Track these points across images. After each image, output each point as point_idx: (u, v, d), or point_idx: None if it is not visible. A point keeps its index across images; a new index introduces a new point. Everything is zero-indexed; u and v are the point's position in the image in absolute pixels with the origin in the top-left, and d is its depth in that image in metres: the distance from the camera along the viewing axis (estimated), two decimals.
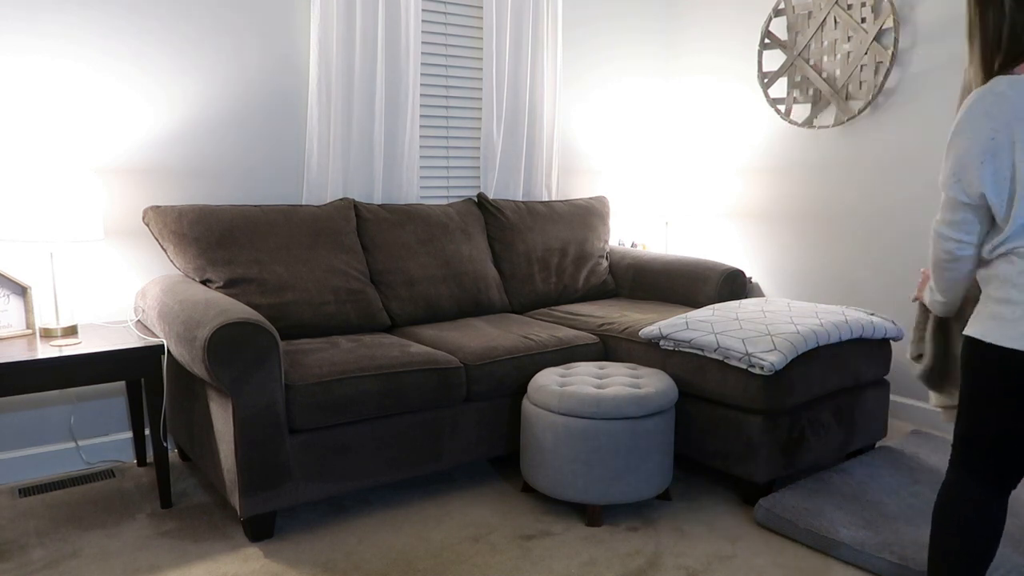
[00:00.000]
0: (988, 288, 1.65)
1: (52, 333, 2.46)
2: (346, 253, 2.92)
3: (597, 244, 3.67)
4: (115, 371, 2.35)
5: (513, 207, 3.50)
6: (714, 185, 4.14)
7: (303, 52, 3.11)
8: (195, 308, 2.25)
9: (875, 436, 2.87)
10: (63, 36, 2.63)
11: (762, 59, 3.79)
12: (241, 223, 2.75)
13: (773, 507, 2.36)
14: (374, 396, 2.34)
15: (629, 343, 2.84)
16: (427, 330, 2.91)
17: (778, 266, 3.86)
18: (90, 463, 2.82)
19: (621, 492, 2.35)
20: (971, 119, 1.58)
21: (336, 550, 2.22)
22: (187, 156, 2.92)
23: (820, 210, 3.65)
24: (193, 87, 2.90)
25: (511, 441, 2.69)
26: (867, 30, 3.33)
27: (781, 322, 2.57)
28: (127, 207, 2.82)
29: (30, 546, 2.22)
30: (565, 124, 3.99)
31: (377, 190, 3.28)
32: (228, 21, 2.94)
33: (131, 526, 2.35)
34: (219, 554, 2.18)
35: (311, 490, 2.29)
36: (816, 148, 3.64)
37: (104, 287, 2.81)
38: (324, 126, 3.14)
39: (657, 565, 2.14)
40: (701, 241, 4.25)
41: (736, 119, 3.99)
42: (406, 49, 3.28)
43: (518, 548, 2.23)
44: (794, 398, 2.45)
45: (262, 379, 2.15)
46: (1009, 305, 1.59)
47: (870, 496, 2.46)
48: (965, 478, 1.64)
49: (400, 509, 2.48)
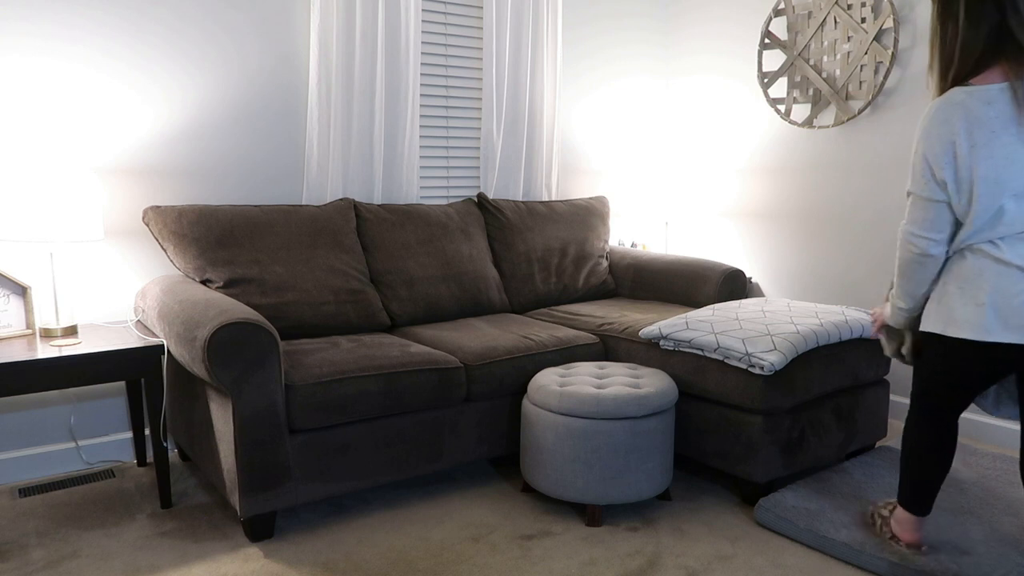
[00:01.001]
0: (943, 284, 1.84)
1: (52, 333, 2.46)
2: (346, 253, 2.92)
3: (597, 244, 3.67)
4: (115, 371, 2.35)
5: (513, 207, 3.50)
6: (714, 185, 4.14)
7: (303, 52, 3.11)
8: (195, 308, 2.25)
9: (875, 436, 2.87)
10: (63, 36, 2.63)
11: (762, 59, 3.79)
12: (241, 223, 2.75)
13: (773, 507, 2.36)
14: (374, 396, 2.34)
15: (629, 343, 2.84)
16: (427, 330, 2.91)
17: (778, 266, 3.86)
18: (90, 463, 2.82)
19: (621, 492, 2.35)
20: (933, 126, 1.77)
21: (336, 550, 2.22)
22: (187, 156, 2.92)
23: (820, 210, 3.65)
24: (193, 87, 2.90)
25: (511, 441, 2.69)
26: (867, 30, 3.33)
27: (781, 322, 2.57)
28: (127, 207, 2.82)
29: (30, 546, 2.22)
30: (565, 124, 3.99)
31: (377, 190, 3.28)
32: (228, 21, 2.94)
33: (131, 526, 2.35)
34: (219, 554, 2.18)
35: (311, 490, 2.29)
36: (816, 148, 3.64)
37: (104, 287, 2.81)
38: (324, 126, 3.14)
39: (657, 565, 2.14)
40: (701, 241, 4.25)
41: (736, 119, 3.99)
42: (406, 49, 3.28)
43: (518, 548, 2.23)
44: (794, 398, 2.45)
45: (262, 379, 2.15)
46: (961, 298, 1.78)
47: (870, 496, 2.46)
48: (923, 418, 1.99)
49: (400, 509, 2.48)
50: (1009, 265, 1.76)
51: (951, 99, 1.77)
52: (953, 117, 1.75)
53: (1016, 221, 1.77)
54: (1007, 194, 1.75)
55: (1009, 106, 1.73)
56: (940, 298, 1.87)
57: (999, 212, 1.76)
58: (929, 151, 1.79)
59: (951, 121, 1.76)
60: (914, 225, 1.86)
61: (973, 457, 2.86)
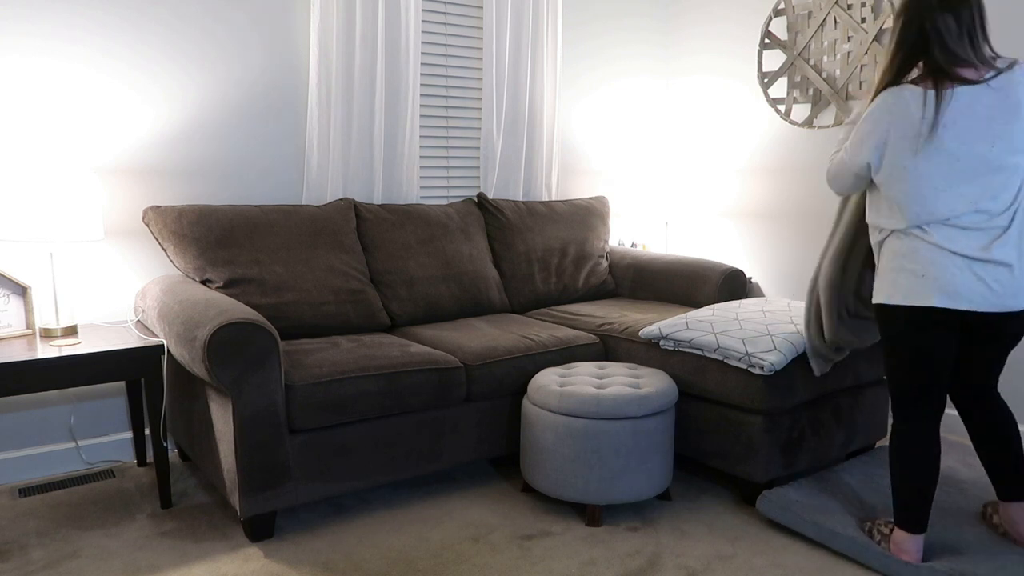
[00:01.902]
0: (889, 259, 2.00)
1: (52, 333, 2.46)
2: (346, 253, 2.92)
3: (597, 244, 3.67)
4: (115, 371, 2.35)
5: (513, 207, 3.50)
6: (714, 185, 4.14)
7: (303, 52, 3.11)
8: (195, 308, 2.25)
9: (875, 436, 2.87)
10: (63, 36, 2.63)
11: (762, 59, 3.79)
12: (241, 223, 2.75)
13: (777, 499, 2.36)
14: (374, 396, 2.34)
15: (629, 343, 2.84)
16: (427, 330, 2.91)
17: (778, 266, 3.86)
18: (90, 463, 2.82)
19: (621, 492, 2.35)
20: (877, 111, 1.96)
21: (336, 550, 2.22)
22: (187, 156, 2.92)
23: (820, 210, 3.64)
24: (193, 87, 2.90)
25: (511, 441, 2.69)
26: (867, 30, 3.33)
27: (781, 322, 2.57)
28: (127, 207, 2.82)
29: (30, 546, 2.22)
30: (565, 124, 3.99)
31: (377, 190, 3.28)
32: (228, 21, 2.94)
33: (131, 526, 2.35)
34: (219, 554, 2.18)
35: (311, 490, 2.29)
36: (816, 148, 3.64)
37: (104, 287, 2.81)
38: (324, 126, 3.14)
39: (657, 565, 2.14)
40: (701, 241, 4.25)
41: (736, 119, 3.99)
42: (406, 49, 3.28)
43: (518, 548, 2.23)
44: (794, 398, 2.45)
45: (262, 379, 2.15)
46: (904, 272, 1.95)
47: (870, 496, 2.46)
48: (906, 425, 2.07)
49: (400, 509, 2.48)
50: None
51: (894, 92, 1.97)
52: (895, 107, 1.96)
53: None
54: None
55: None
56: (887, 273, 2.02)
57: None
58: (864, 130, 2.02)
59: (892, 110, 1.98)
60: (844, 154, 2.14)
61: (972, 457, 2.86)
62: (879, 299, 2.02)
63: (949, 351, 1.99)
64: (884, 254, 2.02)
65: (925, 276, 1.91)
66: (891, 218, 1.98)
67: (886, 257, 2.01)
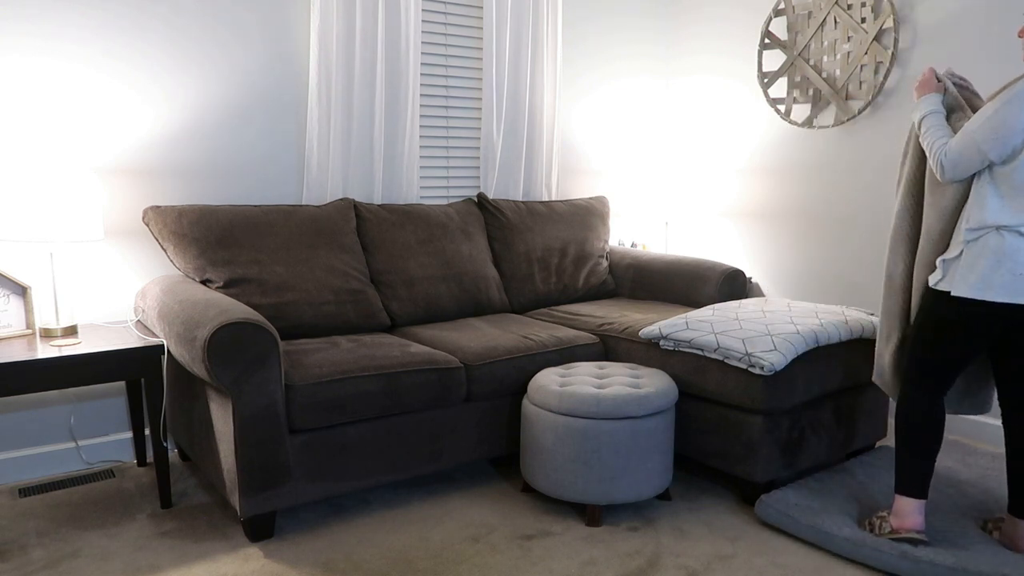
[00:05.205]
0: (981, 254, 1.97)
1: (52, 333, 2.46)
2: (346, 253, 2.92)
3: (597, 244, 3.67)
4: (115, 371, 2.35)
5: (513, 207, 3.50)
6: (714, 185, 4.14)
7: (303, 52, 3.11)
8: (195, 308, 2.25)
9: (875, 436, 2.87)
10: (63, 36, 2.63)
11: (762, 59, 3.79)
12: (241, 223, 2.75)
13: (775, 503, 2.36)
14: (374, 396, 2.34)
15: (629, 343, 2.84)
16: (427, 330, 2.91)
17: (778, 266, 3.86)
18: (90, 463, 2.82)
19: (621, 492, 2.35)
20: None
21: (336, 550, 2.22)
22: (187, 156, 2.92)
23: (820, 210, 3.65)
24: (193, 87, 2.90)
25: (511, 441, 2.69)
26: (867, 30, 3.33)
27: (781, 322, 2.57)
28: (127, 207, 2.82)
29: (30, 546, 2.22)
30: (565, 124, 3.99)
31: (377, 190, 3.28)
32: (228, 21, 2.94)
33: (131, 526, 2.35)
34: (219, 554, 2.18)
35: (311, 490, 2.29)
36: (816, 148, 3.64)
37: (104, 287, 2.81)
38: (324, 126, 3.14)
39: (657, 565, 2.14)
40: (701, 241, 4.25)
41: (736, 119, 3.99)
42: (406, 49, 3.28)
43: (518, 548, 2.23)
44: (794, 398, 2.45)
45: (262, 379, 2.15)
46: (1002, 270, 1.93)
47: (870, 496, 2.46)
48: (917, 392, 2.14)
49: (400, 509, 2.48)
50: None
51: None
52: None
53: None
54: None
55: None
56: (969, 266, 1.99)
57: None
58: (1010, 117, 1.91)
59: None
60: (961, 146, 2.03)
61: (972, 457, 2.86)
62: (960, 291, 1.99)
63: (986, 345, 2.07)
64: (976, 249, 1.99)
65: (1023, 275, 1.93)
66: (1001, 212, 1.95)
67: (977, 253, 1.98)
